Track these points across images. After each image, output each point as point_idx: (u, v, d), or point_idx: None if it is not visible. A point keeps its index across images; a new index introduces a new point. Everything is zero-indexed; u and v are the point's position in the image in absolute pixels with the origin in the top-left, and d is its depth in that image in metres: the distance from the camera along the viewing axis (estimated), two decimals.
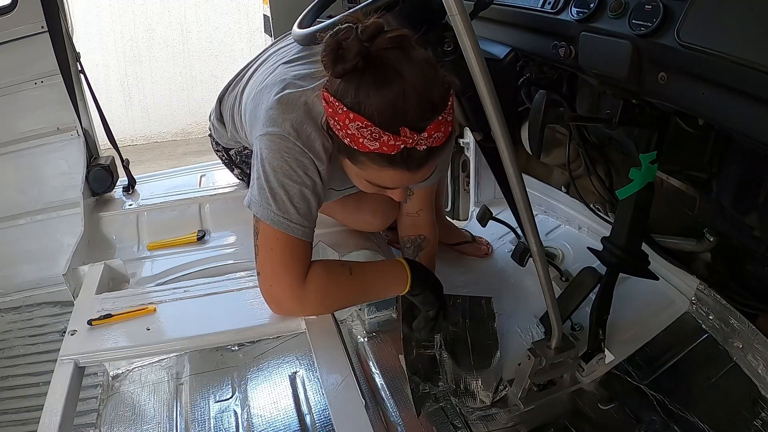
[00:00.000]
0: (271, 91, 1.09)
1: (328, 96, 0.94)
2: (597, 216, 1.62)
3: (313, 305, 1.10)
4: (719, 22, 0.80)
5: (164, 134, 4.60)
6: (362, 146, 0.93)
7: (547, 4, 1.15)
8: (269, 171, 1.03)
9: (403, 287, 1.14)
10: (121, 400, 1.38)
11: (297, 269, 1.06)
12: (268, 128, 1.04)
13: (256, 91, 1.16)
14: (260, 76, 1.22)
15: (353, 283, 1.13)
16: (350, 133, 0.93)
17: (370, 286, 1.16)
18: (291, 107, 1.04)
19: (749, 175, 1.09)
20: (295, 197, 1.03)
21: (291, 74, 1.11)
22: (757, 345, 1.20)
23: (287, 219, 1.03)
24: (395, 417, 1.26)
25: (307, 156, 1.03)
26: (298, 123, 1.02)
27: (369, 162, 0.97)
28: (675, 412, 1.19)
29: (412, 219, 1.42)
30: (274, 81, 1.11)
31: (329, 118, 0.97)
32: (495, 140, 0.90)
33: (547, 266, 1.06)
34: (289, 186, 1.03)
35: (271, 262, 1.06)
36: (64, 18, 1.63)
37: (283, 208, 1.03)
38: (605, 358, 1.31)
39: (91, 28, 4.14)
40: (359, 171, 1.02)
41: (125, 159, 1.83)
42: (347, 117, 0.92)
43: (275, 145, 1.03)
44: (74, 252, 1.48)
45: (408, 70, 0.90)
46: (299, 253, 1.06)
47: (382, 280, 1.16)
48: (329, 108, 0.95)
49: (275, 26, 2.47)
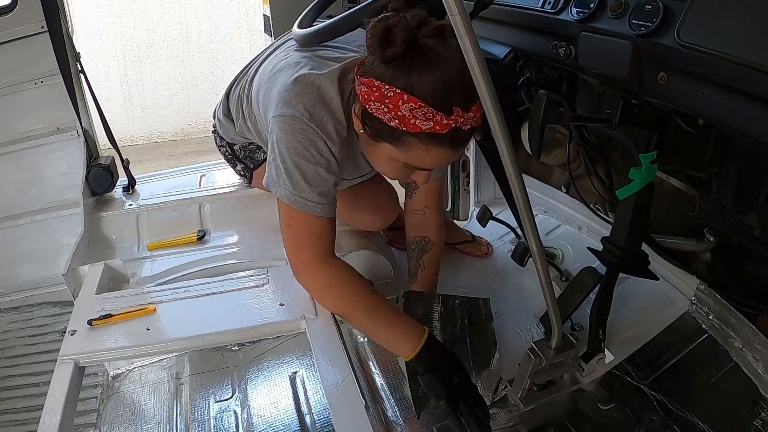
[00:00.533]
0: (285, 74, 1.12)
1: (372, 81, 0.98)
2: (597, 216, 1.62)
3: (319, 286, 1.15)
4: (719, 22, 0.80)
5: (164, 134, 4.60)
6: (414, 127, 0.97)
7: (547, 4, 1.15)
8: (284, 151, 1.07)
9: (407, 351, 1.09)
10: (121, 400, 1.38)
11: (314, 245, 1.12)
12: (282, 109, 1.08)
13: (269, 76, 1.19)
14: (272, 63, 1.24)
15: (366, 302, 1.14)
16: (401, 114, 0.97)
17: (379, 320, 1.14)
18: (304, 89, 1.08)
19: (749, 175, 1.09)
20: (310, 176, 1.08)
21: (305, 59, 1.15)
22: (757, 345, 1.20)
23: (303, 197, 1.08)
24: (395, 417, 1.26)
25: (320, 137, 1.07)
26: (310, 105, 1.07)
27: (417, 143, 1.00)
28: (675, 412, 1.19)
29: (419, 217, 1.42)
30: (288, 64, 1.15)
31: (370, 102, 1.00)
32: (495, 140, 0.90)
33: (547, 266, 1.06)
34: (304, 165, 1.07)
35: (290, 239, 1.14)
36: (64, 18, 1.64)
37: (298, 187, 1.08)
38: (605, 358, 1.31)
39: (91, 28, 4.14)
40: (399, 153, 1.04)
41: (125, 159, 1.83)
42: (401, 99, 0.95)
43: (289, 126, 1.07)
44: (74, 252, 1.49)
45: (452, 55, 0.94)
46: (317, 230, 1.11)
47: (393, 326, 1.13)
48: (373, 92, 0.98)
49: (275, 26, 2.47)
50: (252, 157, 1.55)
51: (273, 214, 1.69)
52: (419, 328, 1.12)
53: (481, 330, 1.38)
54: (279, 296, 1.25)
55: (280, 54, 1.25)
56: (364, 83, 1.00)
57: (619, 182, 1.44)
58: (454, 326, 1.36)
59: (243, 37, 4.52)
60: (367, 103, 1.01)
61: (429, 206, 1.40)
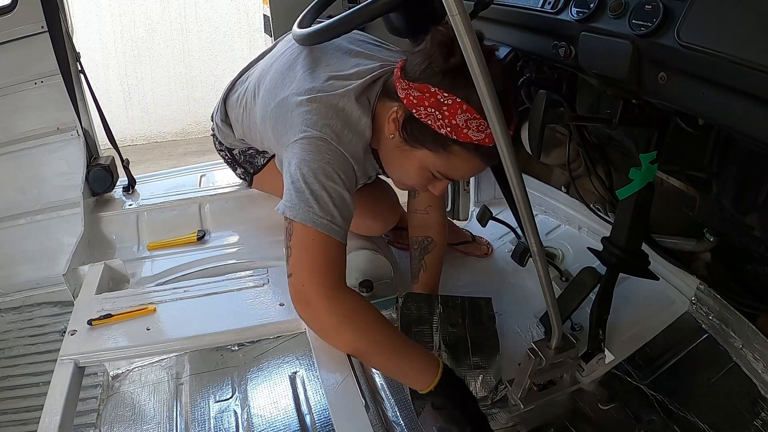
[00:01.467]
0: (300, 97, 1.10)
1: (428, 87, 0.99)
2: (597, 216, 1.62)
3: (337, 317, 1.01)
4: (719, 22, 0.80)
5: (164, 134, 4.60)
6: (465, 137, 0.99)
7: (547, 4, 1.15)
8: (308, 174, 1.02)
9: (425, 384, 1.02)
10: (121, 400, 1.38)
11: (333, 271, 1.03)
12: (306, 132, 1.05)
13: (283, 99, 1.15)
14: (280, 79, 1.21)
15: (385, 335, 1.04)
16: (455, 123, 0.98)
17: (398, 353, 1.04)
18: (328, 112, 1.06)
19: (749, 175, 1.09)
20: (337, 199, 1.03)
21: (318, 81, 1.12)
22: (757, 345, 1.20)
23: (330, 221, 1.01)
24: (395, 417, 1.26)
25: (348, 160, 1.06)
26: (338, 128, 1.05)
27: (462, 152, 1.02)
28: (675, 412, 1.19)
29: (422, 217, 1.42)
30: (300, 90, 1.11)
31: (421, 107, 1.00)
32: (495, 140, 0.90)
33: (547, 266, 1.06)
34: (331, 188, 1.03)
35: (307, 263, 1.02)
36: (64, 18, 1.63)
37: (326, 209, 1.01)
38: (605, 358, 1.31)
39: (91, 28, 4.14)
40: (436, 161, 1.05)
41: (125, 159, 1.83)
42: (459, 108, 0.97)
43: (315, 147, 1.04)
44: (74, 252, 1.48)
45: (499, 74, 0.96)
46: (336, 255, 1.04)
47: (411, 359, 1.05)
48: (428, 98, 0.99)
49: (275, 26, 2.46)
50: (252, 162, 1.55)
51: (273, 214, 1.69)
52: (434, 358, 1.06)
53: (484, 330, 1.38)
54: (279, 296, 1.25)
55: (286, 68, 1.22)
56: (417, 88, 1.00)
57: (619, 182, 1.44)
58: (454, 326, 1.36)
59: (243, 37, 4.52)
60: (416, 108, 1.01)
61: (432, 206, 1.41)
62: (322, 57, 1.19)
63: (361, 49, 1.24)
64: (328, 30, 1.16)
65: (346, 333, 1.02)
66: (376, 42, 1.31)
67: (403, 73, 1.05)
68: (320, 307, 1.01)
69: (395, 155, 1.11)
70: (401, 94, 1.04)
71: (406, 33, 1.27)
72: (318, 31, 1.17)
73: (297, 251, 1.02)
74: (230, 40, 4.52)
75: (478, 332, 1.37)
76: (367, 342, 1.03)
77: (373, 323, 1.03)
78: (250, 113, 1.32)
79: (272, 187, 1.59)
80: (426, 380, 1.02)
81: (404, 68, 1.05)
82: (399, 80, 1.05)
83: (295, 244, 1.02)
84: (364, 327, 1.03)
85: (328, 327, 1.03)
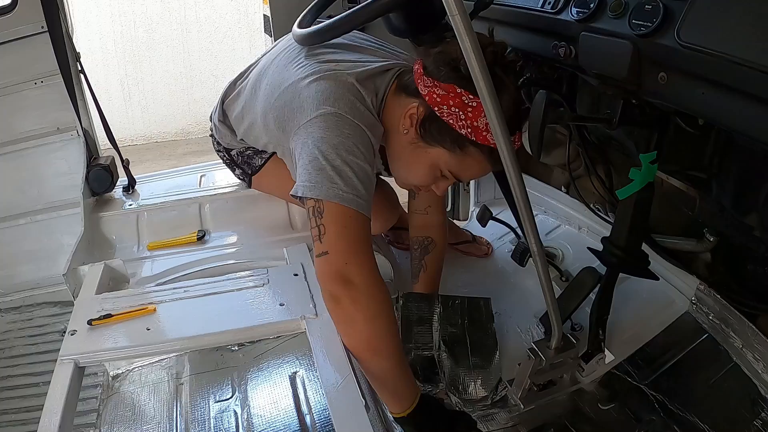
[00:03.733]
0: (309, 79, 1.08)
1: (454, 88, 1.01)
2: (597, 216, 1.62)
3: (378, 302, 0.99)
4: (719, 22, 0.80)
5: (164, 134, 4.59)
6: (483, 139, 1.03)
7: (547, 4, 1.15)
8: (328, 150, 1.00)
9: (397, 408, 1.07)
10: (121, 400, 1.38)
11: (370, 248, 1.01)
12: (321, 109, 1.03)
13: (288, 86, 1.13)
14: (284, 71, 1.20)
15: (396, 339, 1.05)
16: (476, 125, 1.01)
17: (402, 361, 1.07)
18: (339, 87, 1.06)
19: (749, 175, 1.09)
20: (360, 174, 1.01)
21: (323, 64, 1.12)
22: (757, 345, 1.20)
23: (356, 196, 0.99)
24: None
25: (366, 133, 1.04)
26: (352, 101, 1.05)
27: (477, 154, 1.05)
28: (675, 412, 1.19)
29: (422, 218, 1.42)
30: (307, 72, 1.11)
31: (444, 106, 1.03)
32: (495, 140, 0.90)
33: (547, 266, 1.06)
34: (353, 162, 1.00)
35: (349, 240, 0.98)
36: (64, 18, 1.63)
37: (351, 184, 0.98)
38: (605, 358, 1.31)
39: (91, 28, 4.14)
40: (449, 160, 1.08)
41: (125, 159, 1.83)
42: (483, 112, 0.98)
43: (333, 123, 1.02)
44: (74, 252, 1.48)
45: (512, 85, 1.04)
46: (369, 233, 1.02)
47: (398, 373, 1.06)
48: (453, 98, 1.02)
49: (275, 26, 2.46)
50: (249, 163, 1.54)
51: (273, 214, 1.70)
52: (415, 389, 1.08)
53: (483, 330, 1.38)
54: (279, 296, 1.25)
55: (288, 62, 1.21)
56: (442, 87, 1.02)
57: (619, 182, 1.44)
58: (453, 326, 1.36)
59: (243, 37, 4.52)
60: (438, 107, 1.03)
61: (432, 206, 1.41)
62: (325, 52, 1.19)
63: (364, 46, 1.24)
64: (328, 30, 1.16)
65: (375, 325, 1.00)
66: (377, 42, 1.31)
67: (426, 71, 1.05)
68: (363, 290, 0.97)
69: (406, 151, 1.12)
70: (423, 91, 1.05)
71: (406, 33, 1.27)
72: (318, 31, 1.17)
73: (335, 229, 0.97)
74: (230, 40, 4.52)
75: (477, 332, 1.37)
76: (386, 343, 1.02)
77: (395, 326, 1.05)
78: (250, 110, 1.32)
79: (271, 188, 1.59)
80: (395, 405, 1.07)
81: (426, 67, 1.06)
82: (422, 78, 1.06)
83: (331, 221, 0.98)
84: (391, 327, 1.02)
85: (362, 312, 0.98)
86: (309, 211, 1.00)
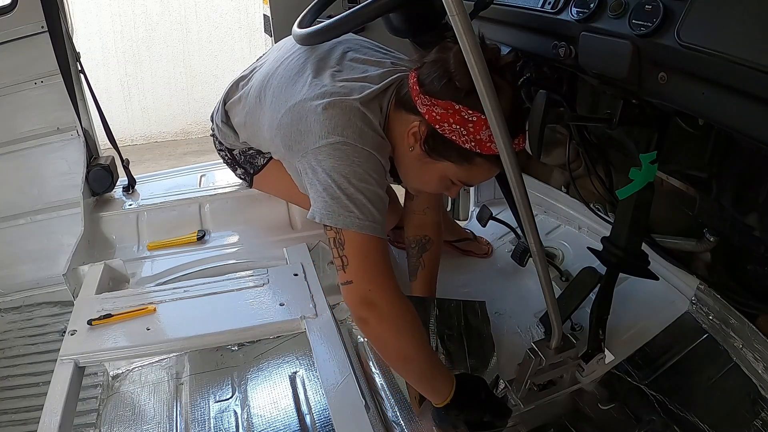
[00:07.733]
0: (316, 102, 1.09)
1: (452, 104, 1.01)
2: (597, 216, 1.61)
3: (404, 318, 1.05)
4: (719, 22, 0.80)
5: (164, 134, 4.59)
6: (488, 150, 1.02)
7: (547, 4, 1.15)
8: (341, 179, 1.03)
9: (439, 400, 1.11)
10: (121, 400, 1.38)
11: (391, 273, 1.06)
12: (330, 138, 1.05)
13: (291, 105, 1.14)
14: (288, 84, 1.20)
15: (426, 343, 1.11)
16: (479, 138, 1.01)
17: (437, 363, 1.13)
18: (345, 114, 1.07)
19: (749, 175, 1.09)
20: (374, 200, 1.04)
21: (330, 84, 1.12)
22: (757, 345, 1.20)
23: (372, 221, 1.03)
24: (395, 417, 1.26)
25: (376, 158, 1.07)
26: (359, 128, 1.06)
27: (484, 163, 1.06)
28: (675, 412, 1.19)
29: (419, 218, 1.43)
30: (314, 94, 1.11)
31: (445, 123, 1.02)
32: (495, 140, 0.90)
33: (547, 266, 1.06)
34: (366, 189, 1.04)
35: (369, 268, 1.04)
36: (64, 18, 1.63)
37: (366, 212, 1.03)
38: (605, 358, 1.31)
39: (91, 28, 4.14)
40: (458, 171, 1.08)
41: (125, 159, 1.83)
42: (484, 124, 0.99)
43: (343, 152, 1.04)
44: (74, 252, 1.48)
45: (509, 88, 1.03)
46: (387, 253, 1.07)
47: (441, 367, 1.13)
48: (452, 115, 1.01)
49: (275, 26, 2.46)
50: (252, 162, 1.54)
51: (273, 214, 1.71)
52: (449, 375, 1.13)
53: (479, 332, 1.38)
54: (279, 296, 1.25)
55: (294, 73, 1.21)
56: (440, 105, 1.02)
57: (619, 182, 1.44)
58: (450, 329, 1.36)
59: (243, 37, 4.52)
60: (439, 125, 1.03)
61: (430, 207, 1.42)
62: (331, 63, 1.19)
63: (368, 57, 1.24)
64: (328, 30, 1.16)
65: (404, 337, 1.06)
66: (381, 49, 1.31)
67: (422, 87, 1.05)
68: (387, 310, 1.03)
69: (415, 167, 1.13)
70: (422, 109, 1.05)
71: (406, 33, 1.27)
72: (318, 31, 1.17)
73: (357, 260, 1.03)
74: (230, 40, 4.52)
75: (473, 335, 1.37)
76: (417, 350, 1.07)
77: (420, 333, 1.09)
78: (256, 118, 1.31)
79: (272, 188, 1.59)
80: (437, 395, 1.11)
81: (421, 81, 1.05)
82: (419, 95, 1.05)
83: (351, 252, 1.03)
84: (418, 335, 1.07)
85: (389, 330, 1.05)
86: (330, 241, 1.05)
